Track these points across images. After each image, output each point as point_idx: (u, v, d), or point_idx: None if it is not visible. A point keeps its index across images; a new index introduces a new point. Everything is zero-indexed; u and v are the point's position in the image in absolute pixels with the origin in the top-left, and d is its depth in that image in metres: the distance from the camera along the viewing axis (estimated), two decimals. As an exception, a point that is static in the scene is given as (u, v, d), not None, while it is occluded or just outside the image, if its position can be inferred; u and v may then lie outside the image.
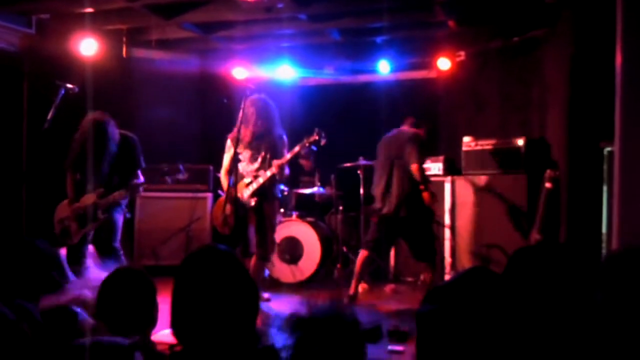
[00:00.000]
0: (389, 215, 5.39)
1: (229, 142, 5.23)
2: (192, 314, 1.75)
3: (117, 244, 4.96)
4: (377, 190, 5.55)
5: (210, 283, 1.76)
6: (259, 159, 5.14)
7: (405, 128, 5.65)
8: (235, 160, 5.07)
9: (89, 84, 5.36)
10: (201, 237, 6.99)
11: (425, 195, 5.28)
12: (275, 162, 4.99)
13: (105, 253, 4.86)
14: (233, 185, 5.10)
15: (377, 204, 5.53)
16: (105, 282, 2.22)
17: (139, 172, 5.02)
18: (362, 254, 5.55)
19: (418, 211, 5.36)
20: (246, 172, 5.20)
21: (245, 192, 5.14)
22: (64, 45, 6.10)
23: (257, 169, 5.15)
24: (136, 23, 6.45)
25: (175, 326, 1.78)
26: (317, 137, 4.97)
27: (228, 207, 5.06)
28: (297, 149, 4.99)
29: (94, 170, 4.82)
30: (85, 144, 4.72)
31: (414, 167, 5.30)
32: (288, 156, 5.00)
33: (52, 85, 4.92)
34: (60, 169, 4.95)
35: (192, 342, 1.75)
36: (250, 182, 5.15)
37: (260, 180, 5.08)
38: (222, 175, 5.27)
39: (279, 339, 1.81)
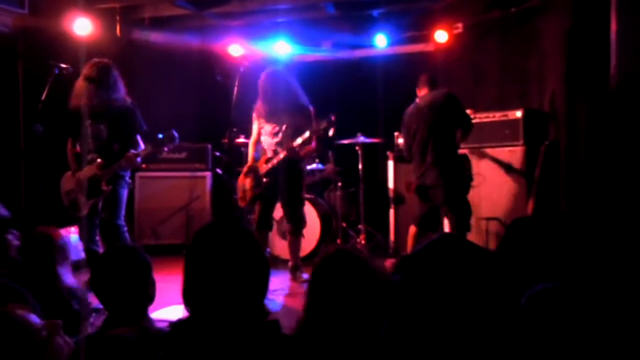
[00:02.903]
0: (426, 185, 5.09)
1: (254, 114, 5.31)
2: (203, 284, 1.78)
3: (121, 221, 4.77)
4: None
5: (223, 255, 1.79)
6: (280, 134, 5.13)
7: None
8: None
9: (83, 64, 5.31)
10: (201, 216, 7.00)
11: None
12: (288, 145, 5.01)
13: (107, 230, 4.70)
14: (257, 160, 5.20)
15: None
16: (99, 260, 2.22)
17: (140, 139, 4.77)
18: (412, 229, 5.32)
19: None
20: (267, 146, 5.23)
21: (264, 168, 5.21)
22: (57, 25, 6.05)
23: (277, 143, 5.14)
24: (129, 1, 6.40)
25: (186, 294, 1.81)
26: (326, 125, 4.89)
27: (247, 182, 5.15)
28: (307, 134, 4.96)
29: (92, 131, 4.67)
30: (81, 104, 4.59)
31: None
32: (299, 140, 4.98)
33: (46, 65, 4.88)
34: (57, 147, 4.91)
35: (201, 310, 1.79)
36: (270, 158, 5.19)
37: (274, 160, 5.13)
38: (249, 145, 5.41)
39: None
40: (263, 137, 5.28)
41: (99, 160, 4.65)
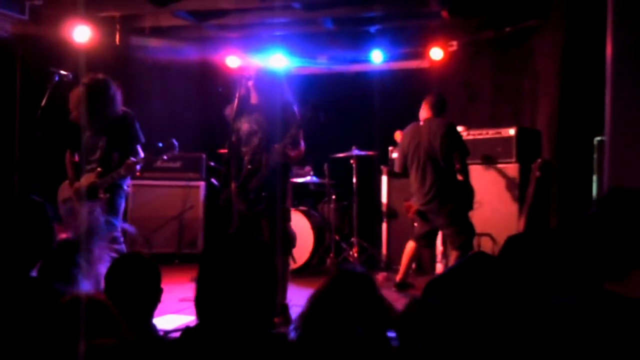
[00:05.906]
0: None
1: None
2: (215, 292, 1.81)
3: (117, 232, 4.68)
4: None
5: (238, 264, 1.81)
6: (254, 138, 4.42)
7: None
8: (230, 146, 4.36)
9: (83, 71, 5.33)
10: (194, 225, 7.03)
11: None
12: (275, 148, 4.24)
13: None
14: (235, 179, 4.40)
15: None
16: (114, 267, 2.25)
17: (139, 148, 4.71)
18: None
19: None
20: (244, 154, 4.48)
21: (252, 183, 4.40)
22: (57, 32, 6.08)
23: (253, 151, 4.41)
24: (129, 10, 6.44)
25: (198, 302, 1.83)
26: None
27: (241, 206, 4.37)
28: (292, 131, 4.25)
29: (91, 142, 4.68)
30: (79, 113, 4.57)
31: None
32: (285, 141, 4.23)
33: (45, 72, 4.89)
34: (55, 157, 4.92)
35: (211, 318, 1.81)
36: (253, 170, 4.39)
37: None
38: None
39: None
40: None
41: (98, 169, 4.69)
